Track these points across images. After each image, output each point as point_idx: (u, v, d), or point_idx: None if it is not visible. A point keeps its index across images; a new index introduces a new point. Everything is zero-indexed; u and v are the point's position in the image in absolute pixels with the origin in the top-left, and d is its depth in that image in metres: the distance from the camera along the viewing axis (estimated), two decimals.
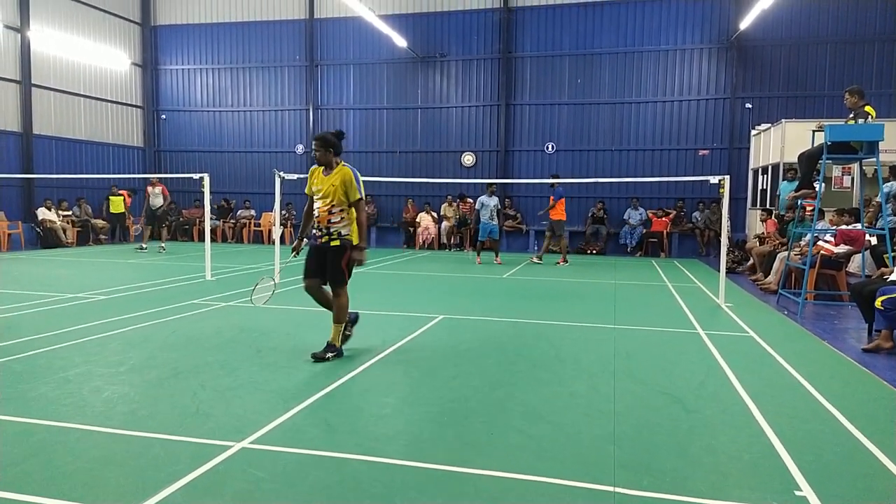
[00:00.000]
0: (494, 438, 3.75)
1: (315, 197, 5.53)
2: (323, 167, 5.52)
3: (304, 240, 5.68)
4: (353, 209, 5.47)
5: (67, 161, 18.87)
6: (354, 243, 5.46)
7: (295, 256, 5.72)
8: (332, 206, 5.38)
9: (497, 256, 14.27)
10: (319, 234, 5.48)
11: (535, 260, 14.36)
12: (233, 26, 20.80)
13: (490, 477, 3.22)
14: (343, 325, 5.54)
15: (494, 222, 14.05)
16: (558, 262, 13.77)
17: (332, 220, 5.40)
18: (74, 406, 4.19)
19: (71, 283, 9.91)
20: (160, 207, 16.07)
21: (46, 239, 16.71)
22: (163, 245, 16.14)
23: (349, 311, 5.56)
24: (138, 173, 21.18)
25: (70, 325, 6.71)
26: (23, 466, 3.26)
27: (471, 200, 18.66)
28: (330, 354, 5.38)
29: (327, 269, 5.47)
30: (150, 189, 16.11)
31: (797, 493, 3.09)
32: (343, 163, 5.56)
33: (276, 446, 3.57)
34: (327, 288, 5.56)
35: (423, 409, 4.28)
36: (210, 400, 4.37)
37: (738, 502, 2.98)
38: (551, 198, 14.07)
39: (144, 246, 16.05)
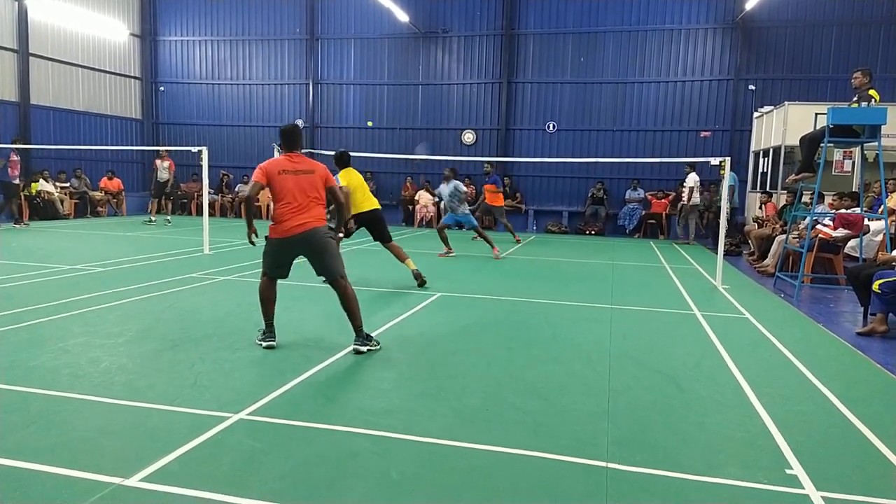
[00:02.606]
0: (490, 414, 3.78)
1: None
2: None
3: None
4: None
5: (65, 132, 18.74)
6: None
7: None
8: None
9: (494, 248, 11.45)
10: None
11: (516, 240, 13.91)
12: None
13: (485, 451, 3.25)
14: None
15: (465, 210, 11.45)
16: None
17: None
18: (73, 376, 4.22)
19: (69, 255, 9.90)
20: (167, 181, 16.18)
21: (45, 210, 16.61)
22: (168, 218, 16.33)
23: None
24: (136, 145, 21.06)
25: (68, 296, 6.71)
26: (21, 434, 3.29)
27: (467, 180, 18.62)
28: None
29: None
30: (158, 162, 16.27)
31: (788, 471, 3.13)
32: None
33: (273, 418, 3.60)
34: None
35: (419, 385, 4.31)
36: (208, 372, 4.40)
37: (730, 479, 3.02)
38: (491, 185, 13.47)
39: (153, 219, 16.30)
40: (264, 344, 4.99)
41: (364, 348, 4.91)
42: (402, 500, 2.77)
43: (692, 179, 15.21)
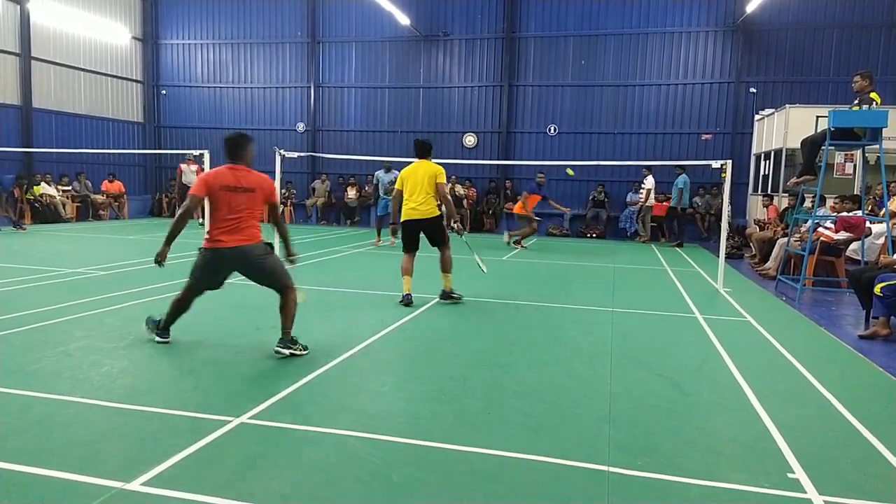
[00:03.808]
0: (492, 417, 3.78)
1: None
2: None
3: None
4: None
5: (67, 135, 18.78)
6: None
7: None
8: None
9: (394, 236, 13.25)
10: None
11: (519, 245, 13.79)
12: (234, 1, 20.58)
13: (487, 455, 3.25)
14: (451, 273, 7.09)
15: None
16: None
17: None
18: (74, 380, 4.21)
19: (71, 259, 9.92)
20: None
21: (45, 214, 16.61)
22: (201, 221, 16.48)
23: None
24: (138, 149, 21.10)
25: (70, 300, 6.72)
26: (22, 438, 3.29)
27: (468, 183, 18.64)
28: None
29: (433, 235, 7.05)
30: (184, 166, 16.44)
31: (790, 475, 3.12)
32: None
33: (274, 422, 3.59)
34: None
35: (421, 388, 4.30)
36: (209, 375, 4.40)
37: (732, 483, 3.01)
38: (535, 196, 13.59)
39: (201, 221, 16.50)
40: (158, 339, 5.07)
41: (286, 351, 4.75)
42: (403, 503, 2.77)
43: (650, 182, 15.53)
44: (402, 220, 7.16)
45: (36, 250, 11.00)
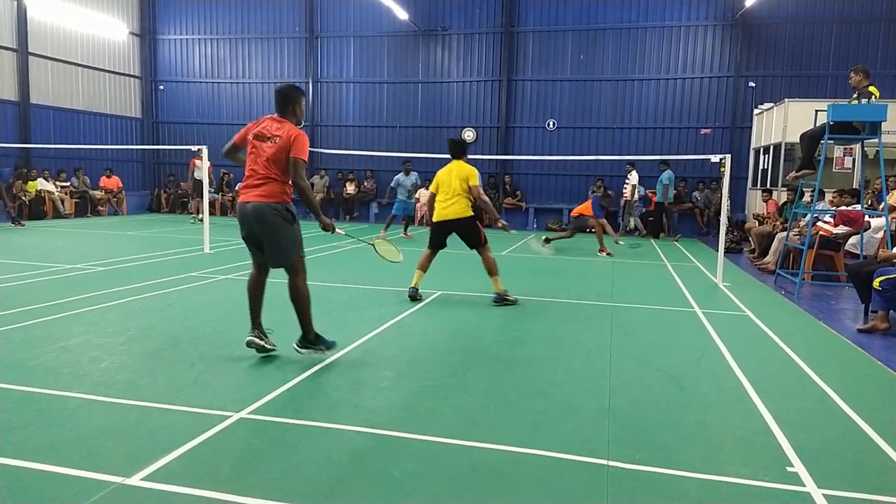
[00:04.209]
0: (491, 412, 3.78)
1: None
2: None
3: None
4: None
5: (65, 131, 18.74)
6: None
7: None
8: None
9: (406, 230, 14.37)
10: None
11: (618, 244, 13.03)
12: None
13: (486, 449, 3.25)
14: (498, 275, 6.95)
15: (412, 200, 14.29)
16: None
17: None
18: (73, 375, 4.21)
19: (69, 254, 9.90)
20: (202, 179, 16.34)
21: (32, 210, 16.25)
22: (200, 217, 16.46)
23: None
24: (136, 144, 21.06)
25: (69, 295, 6.71)
26: (22, 434, 3.29)
27: None
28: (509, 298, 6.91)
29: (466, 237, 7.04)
30: (197, 162, 16.29)
31: (789, 469, 3.12)
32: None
33: (274, 417, 3.60)
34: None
35: (420, 383, 4.31)
36: (209, 370, 4.40)
37: (731, 477, 3.01)
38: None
39: (200, 217, 16.45)
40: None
41: (304, 350, 4.52)
42: (403, 498, 2.77)
43: (634, 177, 15.59)
44: (433, 219, 7.20)
45: (34, 246, 10.98)
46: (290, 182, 4.43)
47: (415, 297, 6.96)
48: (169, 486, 2.78)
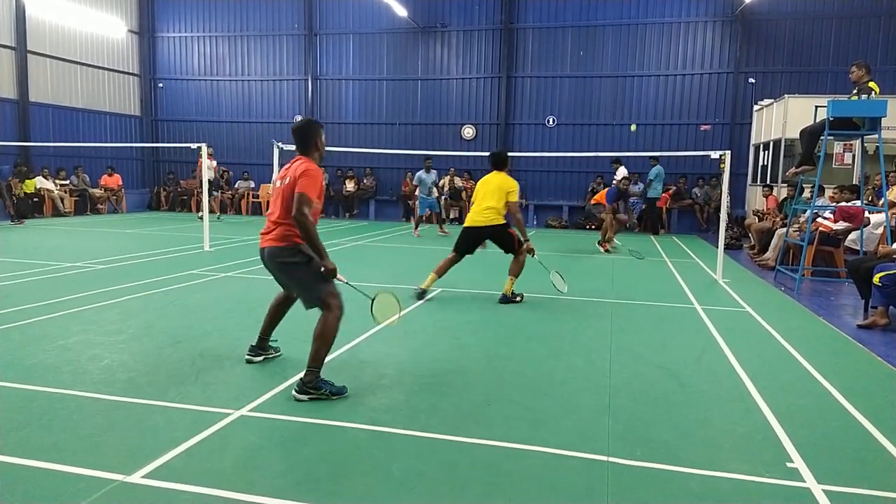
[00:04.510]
0: (492, 409, 3.78)
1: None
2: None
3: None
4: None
5: (64, 129, 18.71)
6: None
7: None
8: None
9: (442, 227, 14.55)
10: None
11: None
12: None
13: (487, 446, 3.26)
14: (516, 278, 7.04)
15: (433, 197, 14.37)
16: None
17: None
18: (74, 373, 4.22)
19: (69, 252, 9.90)
20: (210, 179, 16.30)
21: (20, 208, 15.55)
22: (200, 215, 16.40)
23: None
24: (135, 142, 21.03)
25: (68, 293, 6.71)
26: (23, 432, 3.29)
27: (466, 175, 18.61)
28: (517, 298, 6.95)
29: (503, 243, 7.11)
30: (204, 160, 16.24)
31: (789, 465, 3.13)
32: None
33: (274, 414, 3.60)
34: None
35: (420, 380, 4.31)
36: (209, 368, 4.40)
37: (731, 473, 3.02)
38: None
39: (219, 216, 16.82)
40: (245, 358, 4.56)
41: (303, 396, 3.82)
42: (404, 495, 2.77)
43: (621, 173, 15.60)
44: (464, 225, 7.32)
45: (34, 244, 10.98)
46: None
47: (421, 297, 6.96)
48: (170, 484, 2.78)
